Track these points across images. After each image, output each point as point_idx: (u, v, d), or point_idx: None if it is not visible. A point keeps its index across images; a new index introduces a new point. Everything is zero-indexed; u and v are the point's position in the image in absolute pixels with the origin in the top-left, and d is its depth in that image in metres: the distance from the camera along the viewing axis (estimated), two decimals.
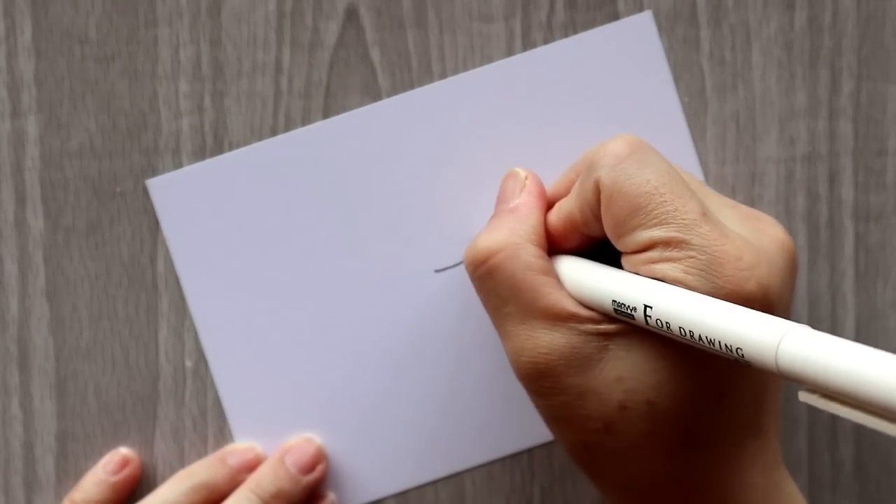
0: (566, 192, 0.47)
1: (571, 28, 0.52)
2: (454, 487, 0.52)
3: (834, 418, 0.52)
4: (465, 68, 0.52)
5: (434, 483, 0.52)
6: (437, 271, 0.52)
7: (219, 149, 0.52)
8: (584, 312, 0.44)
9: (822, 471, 0.52)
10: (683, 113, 0.52)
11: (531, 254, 0.45)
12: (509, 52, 0.52)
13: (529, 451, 0.52)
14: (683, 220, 0.42)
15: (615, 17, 0.51)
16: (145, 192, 0.52)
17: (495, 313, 0.46)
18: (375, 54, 0.52)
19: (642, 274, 0.43)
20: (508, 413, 0.52)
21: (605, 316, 0.44)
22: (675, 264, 0.42)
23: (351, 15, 0.52)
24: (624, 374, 0.43)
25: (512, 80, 0.52)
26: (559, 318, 0.44)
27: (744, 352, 0.38)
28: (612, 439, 0.44)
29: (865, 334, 0.52)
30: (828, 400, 0.36)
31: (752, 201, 0.52)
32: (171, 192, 0.52)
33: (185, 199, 0.52)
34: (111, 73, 0.52)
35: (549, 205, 0.48)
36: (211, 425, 0.52)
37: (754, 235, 0.44)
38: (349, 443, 0.52)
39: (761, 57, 0.52)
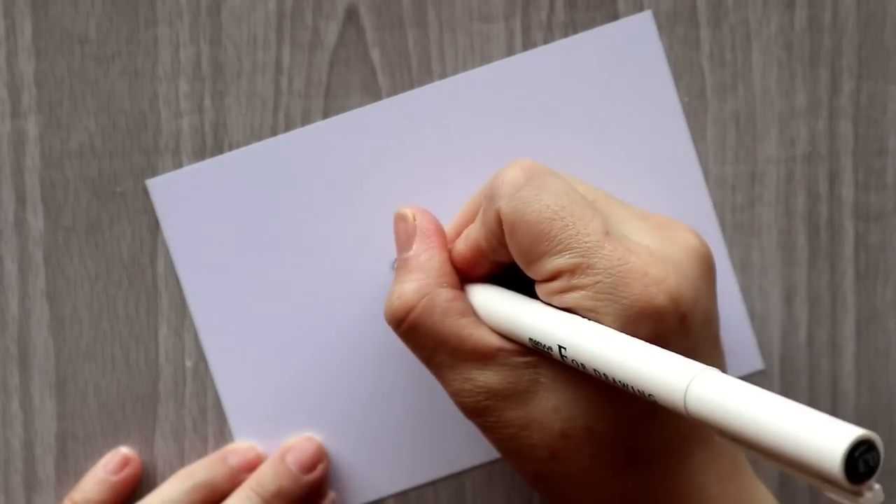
0: (473, 217, 0.47)
1: (571, 28, 0.52)
2: (454, 487, 0.52)
3: None
4: (465, 68, 0.52)
5: (434, 483, 0.52)
6: None
7: (219, 149, 0.52)
8: (509, 346, 0.44)
9: None
10: (683, 113, 0.52)
11: (445, 299, 0.45)
12: (509, 52, 0.52)
13: None
14: (585, 243, 0.42)
15: (615, 16, 0.51)
16: (145, 192, 0.52)
17: (428, 364, 0.46)
18: (375, 54, 0.52)
19: (555, 304, 0.43)
20: None
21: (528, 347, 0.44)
22: (583, 292, 0.42)
23: (351, 15, 0.52)
24: (559, 403, 0.43)
25: (512, 80, 0.51)
26: (488, 357, 0.44)
27: (654, 397, 0.38)
28: (560, 466, 0.44)
29: (865, 334, 0.52)
30: (739, 444, 0.36)
31: (752, 201, 0.52)
32: (171, 192, 0.52)
33: (185, 198, 0.52)
34: (111, 73, 0.52)
35: (459, 231, 0.48)
36: (211, 425, 0.52)
37: (664, 245, 0.44)
38: (349, 443, 0.52)
39: (761, 57, 0.52)
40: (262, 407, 0.52)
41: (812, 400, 0.52)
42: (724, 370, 0.45)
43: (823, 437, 0.33)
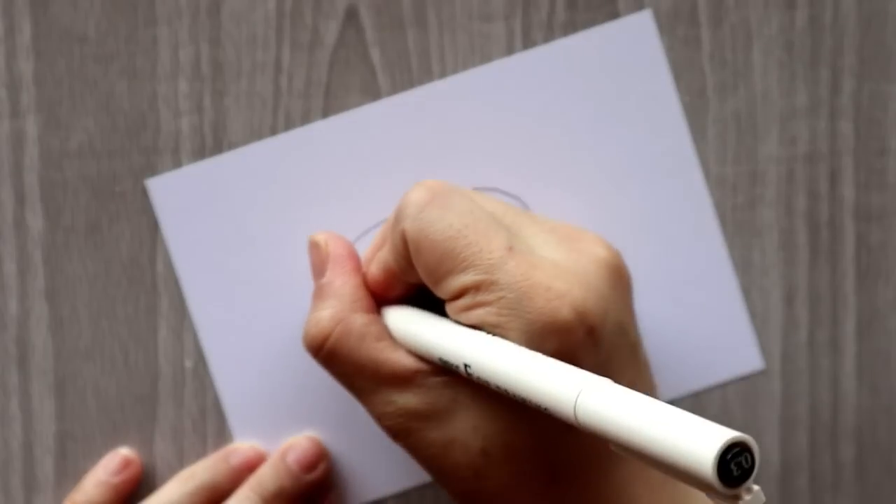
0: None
1: (571, 27, 0.51)
2: None
3: (834, 418, 0.52)
4: (465, 68, 0.52)
5: (434, 483, 0.52)
6: None
7: (218, 149, 0.52)
8: (425, 367, 0.44)
9: (823, 472, 0.52)
10: (683, 112, 0.52)
11: (360, 324, 0.46)
12: (509, 52, 0.52)
13: None
14: (489, 259, 0.43)
15: (615, 16, 0.51)
16: (145, 192, 0.52)
17: (350, 389, 0.46)
18: (375, 54, 0.52)
19: (462, 321, 0.43)
20: None
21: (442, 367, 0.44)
22: (487, 308, 0.42)
23: (351, 15, 0.52)
24: (477, 422, 0.44)
25: (512, 80, 0.51)
26: (406, 379, 0.45)
27: (549, 410, 0.38)
28: (485, 485, 0.44)
29: (866, 334, 0.52)
30: (631, 454, 0.36)
31: (752, 201, 0.52)
32: (170, 191, 0.52)
33: (184, 198, 0.52)
34: (110, 72, 0.52)
35: (375, 255, 0.48)
36: (210, 425, 0.52)
37: (571, 258, 0.44)
38: (349, 442, 0.52)
39: (762, 56, 0.52)
40: (262, 407, 0.52)
41: (813, 400, 0.52)
42: (647, 381, 0.45)
43: (695, 442, 0.33)
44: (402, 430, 0.45)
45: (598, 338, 0.42)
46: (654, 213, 0.51)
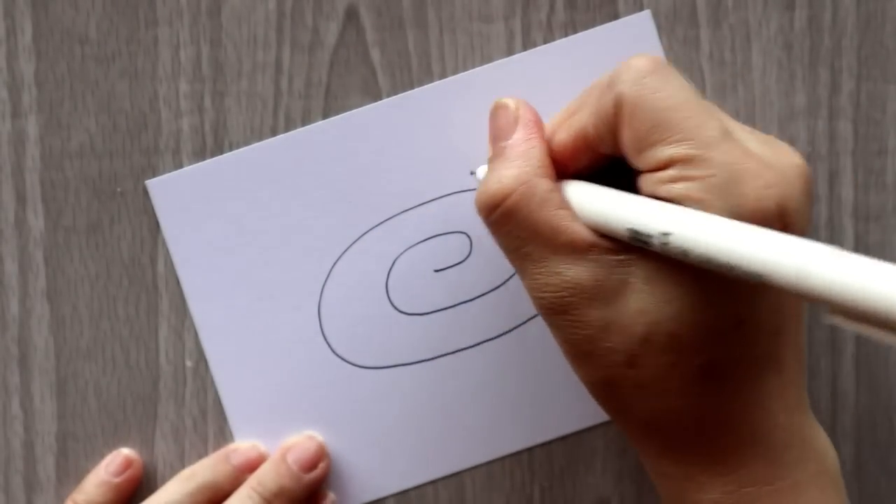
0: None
1: (571, 28, 0.52)
2: (454, 487, 0.53)
3: (833, 418, 0.52)
4: (465, 68, 0.52)
5: (434, 483, 0.52)
6: (436, 271, 0.52)
7: (219, 149, 0.52)
8: (603, 242, 0.43)
9: None
10: None
11: (545, 188, 0.44)
12: (509, 52, 0.52)
13: (529, 450, 0.52)
14: (706, 136, 0.42)
15: (615, 16, 0.51)
16: (145, 192, 0.52)
17: (514, 255, 0.45)
18: (375, 54, 0.52)
19: (660, 194, 0.42)
20: (508, 413, 0.52)
21: (623, 244, 0.43)
22: (695, 183, 0.42)
23: (351, 15, 0.52)
24: (645, 306, 0.43)
25: (512, 80, 0.51)
26: (580, 251, 0.43)
27: (767, 276, 0.37)
28: (635, 373, 0.43)
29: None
30: (854, 321, 0.36)
31: None
32: (170, 192, 0.52)
33: (184, 199, 0.52)
34: (111, 73, 0.52)
35: (561, 122, 0.47)
36: (211, 425, 0.52)
37: (774, 157, 0.44)
38: (349, 442, 0.52)
39: (761, 57, 0.52)
40: (262, 407, 0.52)
41: (812, 400, 0.52)
42: None
43: None
44: (560, 305, 0.44)
45: (791, 233, 0.42)
46: None
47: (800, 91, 0.52)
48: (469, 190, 0.52)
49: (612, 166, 0.45)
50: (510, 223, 0.45)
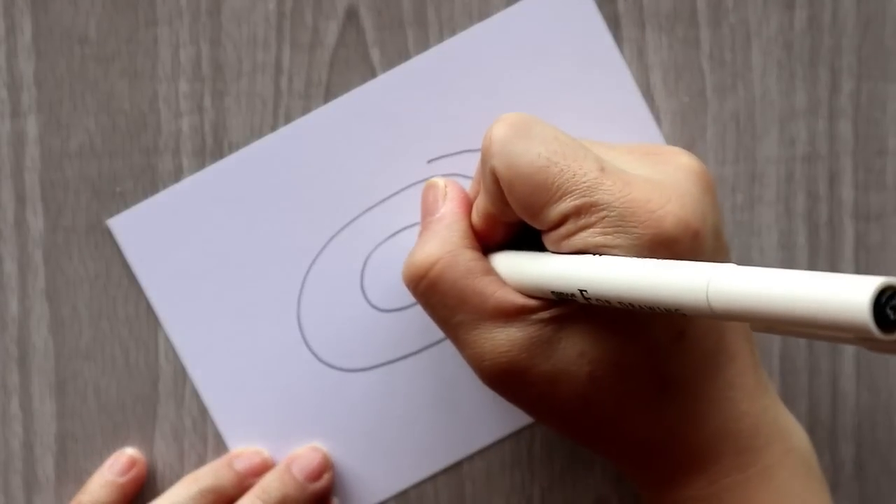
0: None
1: None
2: (454, 488, 0.52)
3: (833, 418, 0.52)
4: None
5: (434, 483, 0.52)
6: None
7: (219, 149, 0.52)
8: (531, 303, 0.44)
9: (822, 471, 0.52)
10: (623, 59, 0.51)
11: (468, 258, 0.45)
12: None
13: (529, 451, 0.52)
14: (584, 182, 0.42)
15: (615, 16, 0.51)
16: (145, 191, 0.52)
17: (446, 325, 0.46)
18: (375, 54, 0.52)
19: (564, 250, 0.43)
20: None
21: (551, 300, 0.44)
22: (591, 230, 0.42)
23: (351, 15, 0.52)
24: (583, 347, 0.43)
25: (456, 63, 0.51)
26: (511, 314, 0.44)
27: (681, 309, 0.38)
28: (594, 412, 0.44)
29: None
30: (772, 329, 0.36)
31: (752, 201, 0.52)
32: (133, 228, 0.51)
33: (148, 233, 0.51)
34: (111, 73, 0.52)
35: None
36: (210, 425, 0.52)
37: (659, 171, 0.44)
38: (346, 447, 0.52)
39: (761, 57, 0.52)
40: (255, 425, 0.52)
41: (812, 400, 0.52)
42: None
43: (847, 293, 0.33)
44: (503, 370, 0.44)
45: (702, 242, 0.43)
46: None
47: (800, 91, 0.52)
48: (429, 178, 0.51)
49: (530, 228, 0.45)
50: (437, 293, 0.45)
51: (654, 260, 0.40)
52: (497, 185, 0.44)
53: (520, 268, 0.45)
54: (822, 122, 0.52)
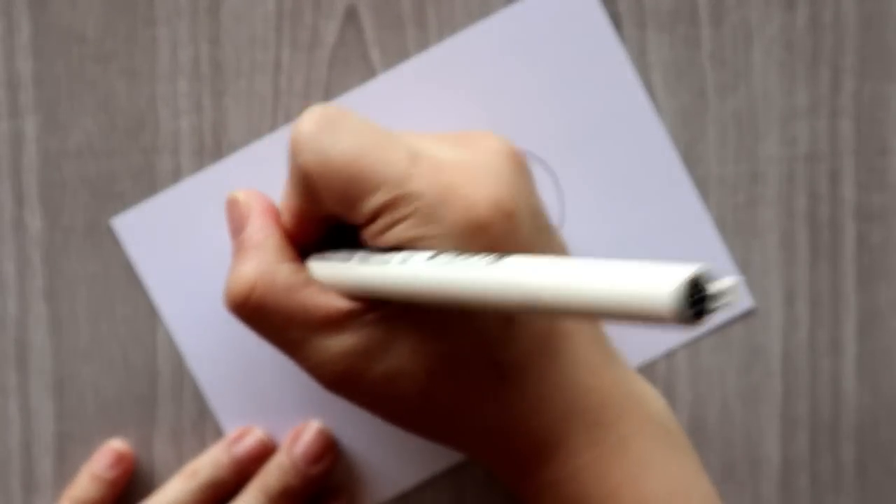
0: None
1: None
2: (454, 488, 0.52)
3: (835, 418, 0.52)
4: None
5: (434, 483, 0.52)
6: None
7: (218, 148, 0.52)
8: (357, 306, 0.43)
9: (823, 472, 0.52)
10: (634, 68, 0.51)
11: (285, 274, 0.44)
12: None
13: None
14: (396, 174, 0.42)
15: (615, 16, 0.51)
16: (144, 191, 0.52)
17: (279, 344, 0.45)
18: (375, 54, 0.52)
19: (382, 244, 0.42)
20: None
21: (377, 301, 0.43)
22: (405, 224, 0.42)
23: (351, 14, 0.51)
24: (416, 344, 0.43)
25: (444, 68, 0.51)
26: (339, 322, 0.43)
27: (494, 306, 0.38)
28: (436, 406, 0.44)
29: (867, 334, 0.52)
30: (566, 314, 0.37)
31: (753, 201, 0.52)
32: (136, 227, 0.51)
33: (151, 232, 0.51)
34: (110, 72, 0.52)
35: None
36: (210, 426, 0.52)
37: (468, 155, 0.43)
38: (347, 447, 0.52)
39: (762, 56, 0.52)
40: (258, 425, 0.52)
41: (813, 400, 0.52)
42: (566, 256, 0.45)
43: (656, 285, 0.33)
44: (341, 377, 0.44)
45: (518, 223, 0.42)
46: (624, 171, 0.51)
47: (801, 90, 0.52)
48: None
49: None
50: (262, 317, 0.44)
51: (443, 256, 0.40)
52: (306, 182, 0.43)
53: (336, 276, 0.44)
54: (823, 122, 0.52)
